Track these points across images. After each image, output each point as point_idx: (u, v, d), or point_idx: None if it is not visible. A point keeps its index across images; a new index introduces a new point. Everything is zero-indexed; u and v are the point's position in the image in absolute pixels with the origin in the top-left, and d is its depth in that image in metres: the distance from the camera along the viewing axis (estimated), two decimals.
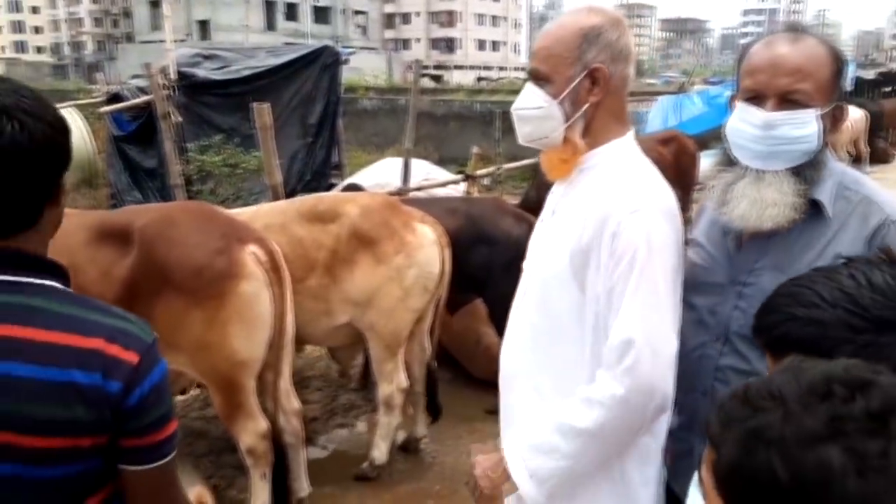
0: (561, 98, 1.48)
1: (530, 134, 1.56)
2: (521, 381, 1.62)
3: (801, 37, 1.44)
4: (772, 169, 1.45)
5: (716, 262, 1.58)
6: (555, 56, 1.49)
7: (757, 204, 1.43)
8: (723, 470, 0.78)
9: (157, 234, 2.73)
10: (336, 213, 3.37)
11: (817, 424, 0.72)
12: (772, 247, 1.48)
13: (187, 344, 2.74)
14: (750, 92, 1.45)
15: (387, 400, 3.48)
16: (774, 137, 1.42)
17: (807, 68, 1.40)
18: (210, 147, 7.61)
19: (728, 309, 1.53)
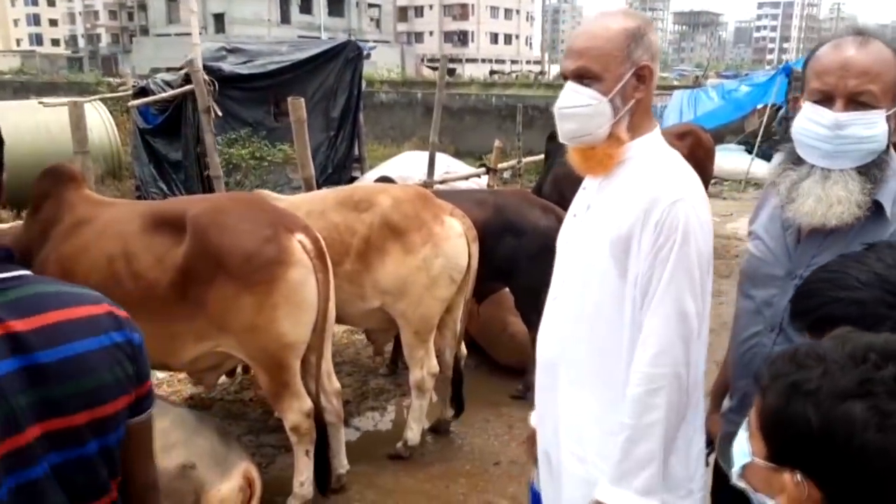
0: (612, 95, 1.58)
1: (575, 131, 1.63)
2: (561, 367, 1.71)
3: (868, 40, 1.50)
4: (838, 168, 1.52)
5: (774, 255, 1.67)
6: (606, 55, 1.57)
7: (823, 201, 1.50)
8: (766, 415, 0.93)
9: (210, 222, 2.89)
10: (370, 203, 3.53)
11: (849, 383, 0.86)
12: (830, 243, 1.55)
13: (238, 327, 2.90)
14: (819, 93, 1.52)
15: (418, 384, 3.63)
16: (843, 137, 1.49)
17: (875, 70, 1.47)
18: (237, 140, 7.78)
19: (784, 301, 1.59)
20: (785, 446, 0.91)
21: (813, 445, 0.87)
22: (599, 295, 1.62)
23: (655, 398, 1.52)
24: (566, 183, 5.84)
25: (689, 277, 1.51)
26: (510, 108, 14.49)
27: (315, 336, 3.04)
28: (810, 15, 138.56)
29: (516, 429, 3.98)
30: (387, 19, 54.35)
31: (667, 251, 1.50)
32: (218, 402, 4.37)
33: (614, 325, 1.60)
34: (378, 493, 3.38)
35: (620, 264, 1.57)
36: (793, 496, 0.90)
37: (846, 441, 0.84)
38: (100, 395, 1.08)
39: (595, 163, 1.65)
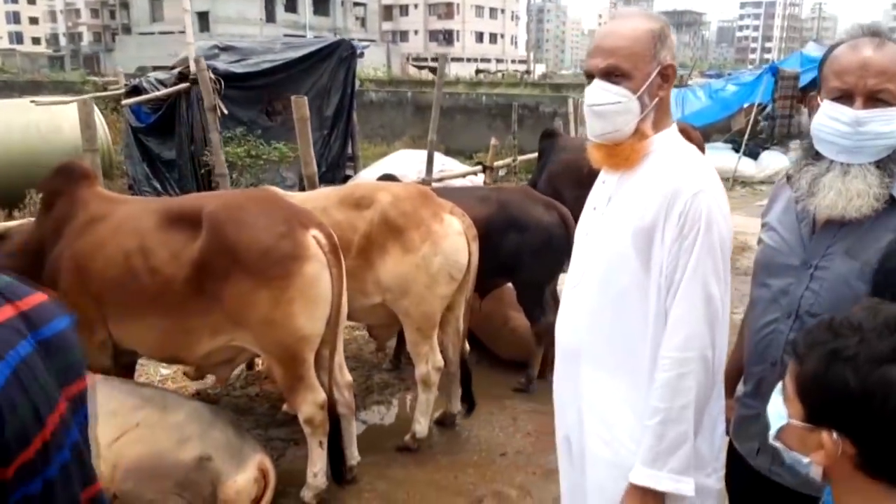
0: (640, 93, 1.65)
1: (604, 127, 1.70)
2: (585, 356, 1.78)
3: (884, 42, 1.58)
4: (857, 163, 1.59)
5: (789, 246, 1.75)
6: (636, 54, 1.65)
7: (844, 195, 1.57)
8: (805, 380, 1.03)
9: (226, 218, 2.94)
10: (371, 200, 3.58)
11: (886, 349, 0.96)
12: (845, 234, 1.63)
13: (254, 321, 2.96)
14: (838, 91, 1.59)
15: (423, 379, 3.67)
16: (862, 133, 1.56)
17: (892, 70, 1.55)
18: (232, 139, 7.80)
19: (801, 289, 1.69)
20: (823, 407, 1.00)
21: (851, 406, 0.96)
22: (624, 283, 1.69)
23: (686, 381, 1.59)
24: (560, 180, 5.95)
25: (713, 263, 1.60)
26: (500, 107, 14.58)
27: (329, 329, 3.10)
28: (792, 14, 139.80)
29: (520, 420, 4.07)
30: (372, 18, 54.25)
31: (691, 240, 1.58)
32: (224, 398, 4.42)
33: (639, 312, 1.67)
34: (389, 484, 3.45)
35: (643, 254, 1.65)
36: (829, 452, 0.99)
37: (883, 402, 0.94)
38: (79, 369, 1.13)
39: (622, 158, 1.72)
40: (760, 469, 1.82)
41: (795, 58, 14.11)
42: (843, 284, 1.62)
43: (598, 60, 1.68)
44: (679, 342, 1.60)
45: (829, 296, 1.64)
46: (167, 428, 2.90)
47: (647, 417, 1.64)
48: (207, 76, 5.11)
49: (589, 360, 1.77)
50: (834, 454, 0.99)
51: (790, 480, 1.74)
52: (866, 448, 0.97)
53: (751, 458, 1.85)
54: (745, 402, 1.86)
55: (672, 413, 1.60)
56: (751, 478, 1.83)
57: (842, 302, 1.57)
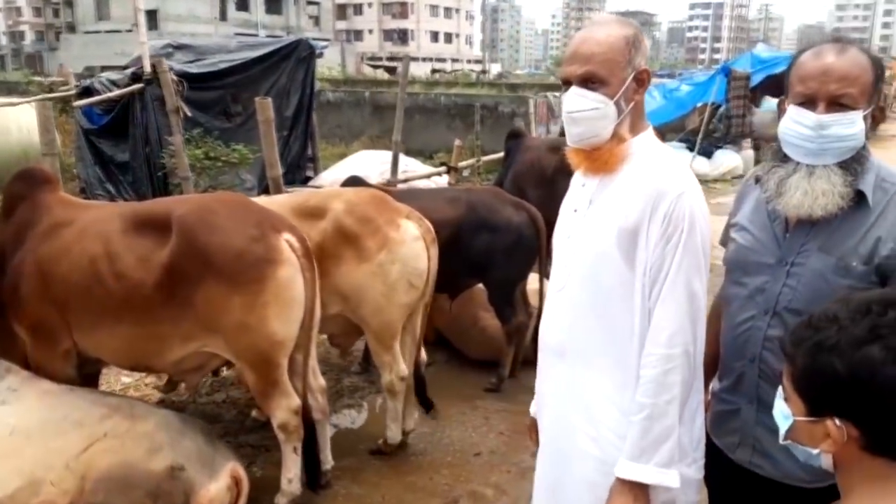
0: (616, 98, 1.68)
1: (583, 133, 1.72)
2: (570, 355, 1.80)
3: (846, 48, 1.65)
4: (822, 164, 1.66)
5: (763, 245, 1.81)
6: (611, 60, 1.68)
7: (809, 195, 1.65)
8: (798, 376, 1.10)
9: (197, 221, 2.88)
10: (324, 209, 3.47)
11: (862, 332, 1.03)
12: (818, 231, 1.70)
13: (227, 326, 2.91)
14: (802, 97, 1.66)
15: (388, 388, 3.58)
16: (825, 136, 1.63)
17: (853, 75, 1.62)
18: (189, 140, 7.64)
19: (778, 286, 1.74)
20: (819, 398, 1.07)
21: (843, 390, 1.03)
22: (609, 283, 1.72)
23: (671, 377, 1.64)
24: (525, 180, 6.00)
25: (696, 262, 1.64)
26: (458, 106, 14.62)
27: (302, 334, 3.07)
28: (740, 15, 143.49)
29: (493, 420, 4.09)
30: (326, 17, 53.79)
31: (676, 240, 1.62)
32: (190, 405, 4.33)
33: (624, 311, 1.71)
34: (364, 487, 3.43)
35: (628, 254, 1.68)
36: (836, 438, 1.05)
37: (870, 378, 1.01)
38: None
39: (601, 162, 1.74)
40: (741, 462, 1.86)
41: (746, 58, 14.48)
42: (820, 279, 1.68)
43: (576, 67, 1.71)
44: (664, 339, 1.64)
45: (807, 291, 1.70)
46: (137, 437, 2.83)
47: (632, 413, 1.67)
48: (169, 77, 4.99)
49: (575, 359, 1.80)
50: (840, 439, 1.05)
51: (771, 472, 1.79)
52: (867, 427, 1.04)
53: (730, 452, 1.89)
54: (723, 397, 1.90)
55: (658, 408, 1.64)
56: (731, 471, 1.88)
57: (819, 296, 1.62)
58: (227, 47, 9.12)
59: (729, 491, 1.92)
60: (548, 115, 13.25)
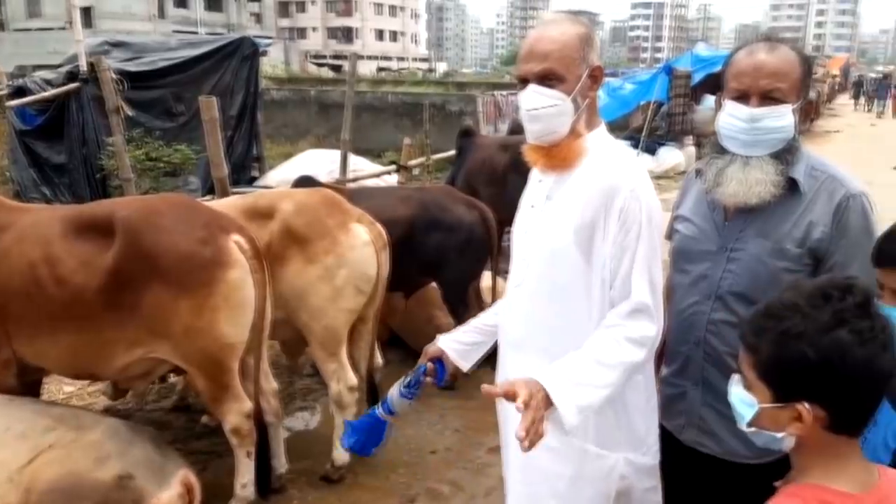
0: (573, 94, 1.71)
1: (542, 130, 1.75)
2: (530, 347, 1.83)
3: (776, 45, 1.76)
4: (756, 155, 1.76)
5: (705, 234, 1.91)
6: (567, 58, 1.71)
7: (744, 184, 1.75)
8: (765, 365, 1.13)
9: (142, 224, 2.80)
10: (273, 210, 3.37)
11: (827, 318, 1.08)
12: (755, 218, 1.81)
13: (175, 331, 2.84)
14: (736, 92, 1.77)
15: (336, 399, 3.43)
16: (758, 129, 1.74)
17: (783, 71, 1.73)
18: (130, 141, 7.44)
19: (719, 272, 1.84)
20: (789, 384, 1.11)
21: (815, 374, 1.08)
22: (566, 278, 1.75)
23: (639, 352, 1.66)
24: (477, 179, 6.03)
25: (655, 253, 1.69)
26: (406, 105, 14.58)
27: (253, 337, 3.02)
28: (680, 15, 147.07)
29: (448, 417, 4.10)
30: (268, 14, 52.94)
31: (635, 233, 1.67)
32: (136, 414, 4.22)
33: (582, 305, 1.74)
34: (319, 490, 3.40)
35: (585, 249, 1.72)
36: (807, 421, 1.10)
37: (841, 362, 1.06)
38: None
39: (559, 159, 1.77)
40: (688, 443, 1.95)
41: (687, 58, 14.83)
42: (758, 263, 1.79)
43: (533, 65, 1.73)
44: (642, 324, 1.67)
45: (746, 274, 1.80)
46: (83, 447, 2.74)
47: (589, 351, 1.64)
48: (110, 76, 4.83)
49: (534, 352, 1.82)
50: (810, 422, 1.10)
51: (716, 449, 1.89)
52: (835, 407, 1.09)
53: (678, 434, 1.97)
54: (670, 381, 1.97)
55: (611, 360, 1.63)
56: (679, 452, 1.95)
57: (758, 278, 1.77)
58: (167, 45, 8.93)
59: (679, 472, 1.97)
60: (496, 114, 13.33)
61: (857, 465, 1.14)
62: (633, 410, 1.78)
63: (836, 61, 43.87)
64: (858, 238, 1.73)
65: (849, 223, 1.74)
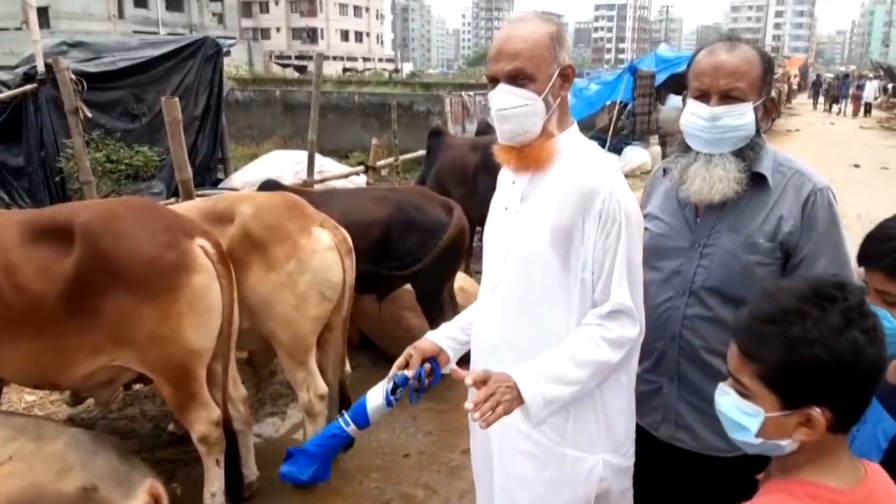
0: (545, 94, 1.69)
1: (513, 130, 1.71)
2: (504, 352, 1.79)
3: (736, 45, 1.79)
4: (718, 152, 1.79)
5: (676, 230, 1.92)
6: (537, 56, 1.68)
7: (707, 181, 1.78)
8: (772, 372, 1.10)
9: (102, 228, 2.72)
10: (232, 213, 3.26)
11: (837, 319, 1.06)
12: (726, 213, 1.84)
13: (139, 338, 2.76)
14: (698, 91, 1.80)
15: (307, 408, 3.36)
16: (718, 127, 1.77)
17: (742, 70, 1.76)
18: (90, 143, 7.25)
19: (692, 267, 1.87)
20: (800, 390, 1.09)
21: (830, 377, 1.06)
22: (542, 282, 1.72)
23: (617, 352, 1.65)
24: (447, 179, 6.02)
25: (635, 254, 1.68)
26: (373, 105, 14.51)
27: (220, 343, 2.95)
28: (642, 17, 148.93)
29: (420, 420, 4.07)
30: (230, 14, 52.16)
31: (615, 234, 1.64)
32: (101, 422, 4.11)
33: (560, 309, 1.71)
34: (291, 497, 3.34)
35: (562, 251, 1.69)
36: (819, 425, 1.08)
37: (856, 362, 1.05)
38: None
39: (532, 159, 1.74)
40: (664, 438, 1.95)
41: (651, 58, 15.02)
42: (731, 257, 1.81)
43: (503, 65, 1.69)
44: (621, 324, 1.66)
45: (720, 269, 1.82)
46: (45, 459, 2.66)
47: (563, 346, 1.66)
48: (68, 77, 4.69)
49: (509, 357, 1.77)
50: (822, 426, 1.08)
51: (692, 444, 1.90)
52: (843, 408, 1.09)
53: (654, 430, 1.97)
54: (645, 377, 1.96)
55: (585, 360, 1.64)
56: (655, 449, 1.95)
57: (731, 273, 1.80)
58: (127, 45, 8.70)
59: (653, 468, 1.97)
60: (463, 114, 13.33)
61: (845, 460, 1.14)
62: (614, 412, 1.76)
63: (795, 62, 44.88)
64: (827, 230, 1.77)
65: (817, 216, 1.77)
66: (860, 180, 12.05)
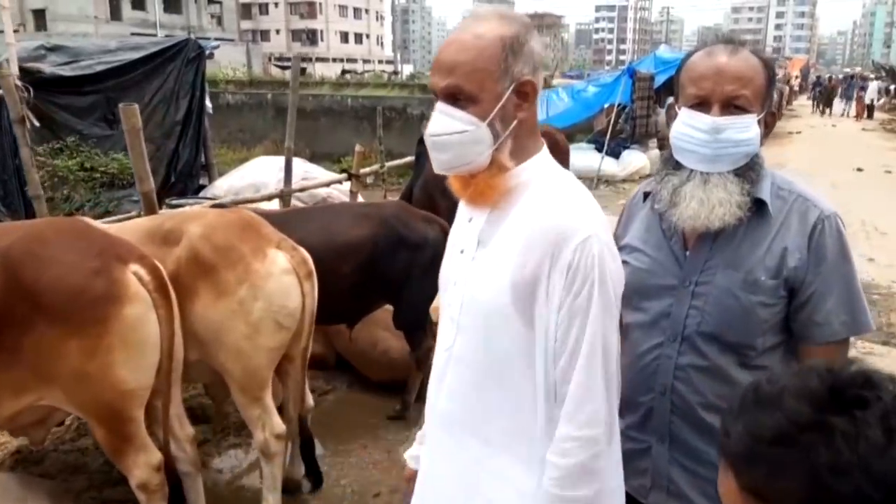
0: (490, 118, 1.33)
1: (450, 161, 1.37)
2: (461, 425, 1.47)
3: (738, 48, 1.53)
4: (717, 171, 1.52)
5: (661, 265, 1.62)
6: (480, 70, 1.32)
7: (706, 204, 1.51)
8: None
9: (24, 254, 2.43)
10: (179, 234, 2.94)
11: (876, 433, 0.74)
12: (720, 246, 1.56)
13: (64, 376, 2.47)
14: (695, 98, 1.53)
15: (262, 449, 3.02)
16: (720, 141, 1.50)
17: (747, 76, 1.50)
18: (63, 150, 6.97)
19: (683, 309, 1.58)
20: None
21: None
22: (505, 345, 1.37)
23: (598, 463, 1.31)
24: (434, 188, 5.69)
25: (610, 315, 1.33)
26: (366, 108, 14.20)
27: (160, 378, 2.65)
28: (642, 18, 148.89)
29: (395, 453, 3.74)
30: (229, 16, 51.97)
31: (585, 296, 1.30)
32: (51, 454, 3.80)
33: (526, 378, 1.37)
34: None
35: (526, 311, 1.34)
36: None
37: None
38: None
39: (476, 193, 1.40)
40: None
41: (650, 60, 14.74)
42: (729, 297, 1.55)
43: (438, 79, 1.35)
44: (585, 418, 1.31)
45: (716, 311, 1.56)
46: None
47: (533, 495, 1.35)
48: (12, 82, 4.38)
49: (466, 431, 1.46)
50: None
51: None
52: None
53: (642, 497, 1.68)
54: (630, 434, 1.66)
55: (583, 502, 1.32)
56: None
57: (730, 315, 1.54)
58: (106, 48, 8.42)
59: None
60: None
61: None
62: None
63: (797, 62, 44.66)
64: (836, 263, 1.53)
65: (825, 247, 1.52)
66: (863, 184, 11.73)
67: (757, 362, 1.56)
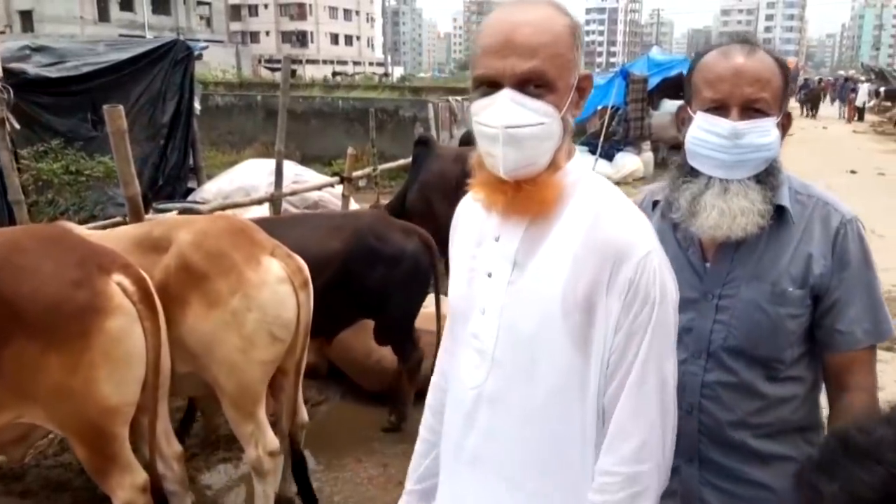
0: (564, 111, 1.19)
1: (520, 160, 1.18)
2: (490, 464, 1.29)
3: (754, 49, 1.46)
4: (737, 178, 1.45)
5: (680, 278, 1.49)
6: (560, 56, 1.17)
7: (727, 214, 1.43)
8: None
9: (1, 265, 2.30)
10: (169, 241, 2.82)
11: None
12: (742, 257, 1.49)
13: (44, 393, 2.34)
14: (712, 102, 1.44)
15: (255, 466, 2.89)
16: (741, 146, 1.42)
17: (766, 77, 1.43)
18: (47, 153, 6.80)
19: (708, 324, 1.51)
20: None
21: None
22: (554, 383, 1.22)
23: (641, 502, 1.18)
24: (432, 191, 5.59)
25: (669, 341, 1.21)
26: (357, 111, 14.04)
27: (145, 394, 2.52)
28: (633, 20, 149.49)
29: (392, 467, 3.63)
30: (218, 18, 51.65)
31: (645, 317, 1.17)
32: (33, 470, 3.66)
33: (573, 413, 1.22)
34: None
35: (579, 340, 1.19)
36: None
37: None
38: None
39: (535, 202, 1.21)
40: None
41: (643, 62, 14.64)
42: (756, 310, 1.47)
43: (514, 61, 1.15)
44: (630, 453, 1.18)
45: (743, 325, 1.48)
46: None
47: None
48: None
49: (495, 473, 1.30)
50: None
51: None
52: None
53: None
54: None
55: None
56: None
57: (758, 329, 1.47)
58: (93, 49, 8.24)
59: None
60: (451, 120, 12.93)
61: None
62: None
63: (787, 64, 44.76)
64: (859, 269, 1.48)
65: (849, 253, 1.47)
66: (858, 187, 11.71)
67: (785, 374, 1.50)
